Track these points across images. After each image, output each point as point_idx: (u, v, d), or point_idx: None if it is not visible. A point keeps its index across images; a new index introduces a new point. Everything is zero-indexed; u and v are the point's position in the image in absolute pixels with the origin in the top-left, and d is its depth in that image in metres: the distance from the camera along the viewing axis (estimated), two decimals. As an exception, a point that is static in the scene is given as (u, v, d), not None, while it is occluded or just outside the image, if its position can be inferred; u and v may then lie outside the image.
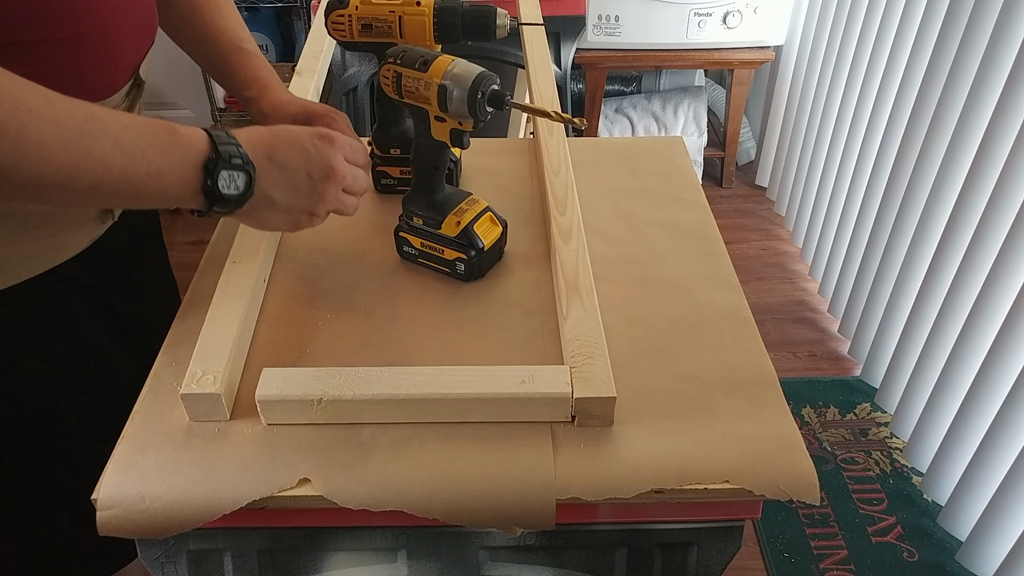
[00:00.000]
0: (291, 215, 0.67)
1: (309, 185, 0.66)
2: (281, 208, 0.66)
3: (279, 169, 0.64)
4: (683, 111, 2.47)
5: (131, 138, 0.57)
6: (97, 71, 0.70)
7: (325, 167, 0.66)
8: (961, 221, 1.49)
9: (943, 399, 1.55)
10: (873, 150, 1.84)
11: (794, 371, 1.93)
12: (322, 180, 0.67)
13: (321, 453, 0.66)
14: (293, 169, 0.65)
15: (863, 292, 1.88)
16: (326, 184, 0.67)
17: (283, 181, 0.65)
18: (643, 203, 0.96)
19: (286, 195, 0.65)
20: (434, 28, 0.86)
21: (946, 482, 1.55)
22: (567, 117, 0.73)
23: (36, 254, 0.74)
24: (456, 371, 0.68)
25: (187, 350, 0.70)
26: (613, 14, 2.19)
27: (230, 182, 0.61)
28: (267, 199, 0.64)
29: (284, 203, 0.66)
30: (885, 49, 1.78)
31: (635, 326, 0.78)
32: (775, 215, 2.46)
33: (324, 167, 0.66)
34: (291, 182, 0.65)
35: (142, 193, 0.58)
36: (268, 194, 0.64)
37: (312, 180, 0.66)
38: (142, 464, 0.65)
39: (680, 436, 0.67)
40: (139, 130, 0.57)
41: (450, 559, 0.71)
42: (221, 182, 0.60)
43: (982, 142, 1.42)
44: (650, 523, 0.70)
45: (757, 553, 1.52)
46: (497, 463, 0.65)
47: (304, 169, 0.66)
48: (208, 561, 0.71)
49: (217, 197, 0.61)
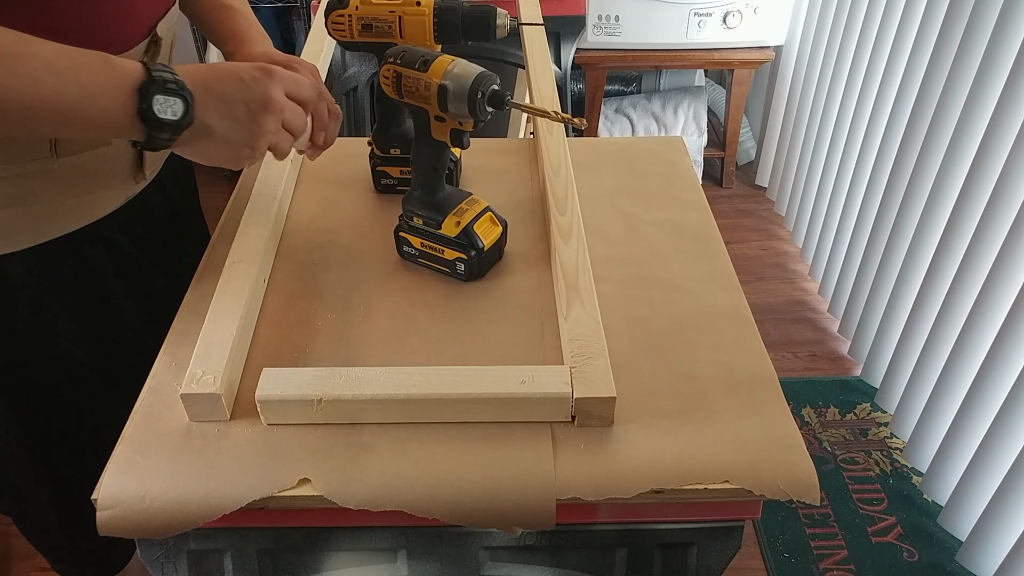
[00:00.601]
0: (231, 147, 0.66)
1: (247, 115, 0.65)
2: (219, 138, 0.65)
3: (216, 99, 0.64)
4: (683, 111, 2.47)
5: (62, 61, 0.57)
6: (111, 22, 0.71)
7: (263, 97, 0.65)
8: (961, 221, 1.49)
9: (943, 399, 1.55)
10: (873, 150, 1.84)
11: (794, 371, 1.93)
12: (260, 110, 0.65)
13: (321, 453, 0.66)
14: (231, 98, 0.64)
15: (863, 292, 1.88)
16: (264, 115, 0.66)
17: (221, 109, 0.64)
18: (643, 203, 0.96)
19: (224, 124, 0.64)
20: (434, 28, 0.86)
21: (946, 482, 1.55)
22: (567, 117, 0.73)
23: (68, 212, 0.75)
24: (456, 371, 0.68)
25: (187, 350, 0.70)
26: (613, 14, 2.19)
27: (166, 107, 0.60)
28: (205, 127, 0.64)
29: (222, 132, 0.65)
30: (885, 49, 1.78)
31: (635, 326, 0.78)
32: (775, 215, 2.46)
33: (262, 97, 0.65)
34: (229, 111, 0.65)
35: (77, 118, 0.58)
36: (206, 122, 0.63)
37: (250, 110, 0.65)
38: (142, 464, 0.65)
39: (680, 436, 0.67)
40: (71, 55, 0.58)
41: (450, 559, 0.71)
42: (157, 106, 0.60)
43: (982, 142, 1.42)
44: (650, 523, 0.70)
45: (757, 553, 1.52)
46: (497, 463, 0.65)
47: (241, 99, 0.65)
48: (208, 561, 0.71)
49: (154, 121, 0.60)
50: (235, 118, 0.65)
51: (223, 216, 0.93)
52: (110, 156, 0.77)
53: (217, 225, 0.92)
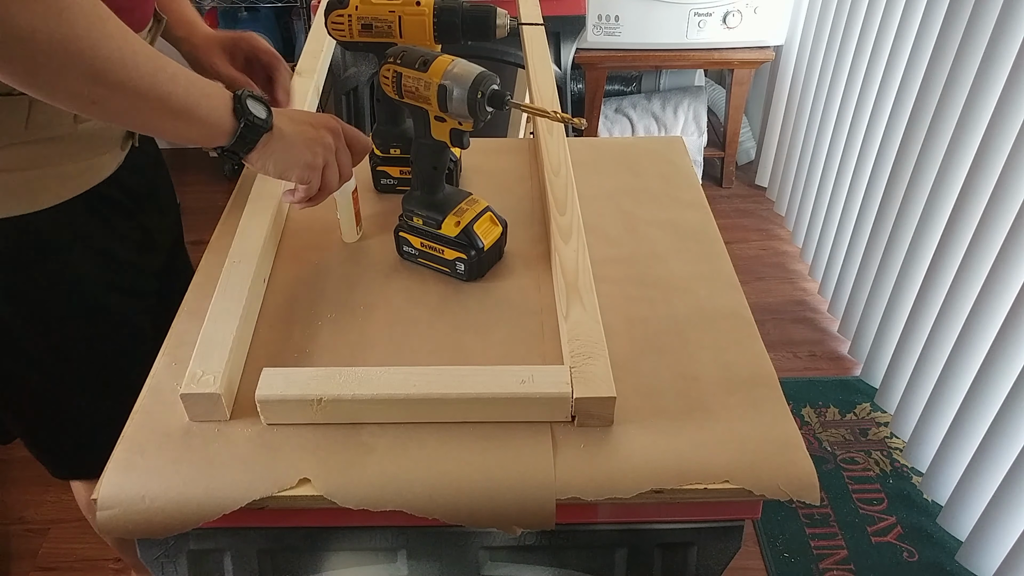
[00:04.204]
0: (297, 152, 0.77)
1: (312, 129, 0.78)
2: (288, 143, 0.76)
3: (287, 116, 0.78)
4: (683, 111, 2.47)
5: (173, 66, 0.68)
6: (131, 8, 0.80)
7: (327, 122, 0.80)
8: (961, 221, 1.49)
9: (943, 399, 1.55)
10: (873, 150, 1.84)
11: (794, 371, 1.93)
12: (322, 128, 0.79)
13: (321, 453, 0.66)
14: (299, 117, 0.79)
15: (863, 292, 1.88)
16: (325, 133, 0.79)
17: (294, 117, 0.78)
18: (643, 203, 0.96)
19: (293, 129, 0.77)
20: (434, 28, 0.86)
21: (946, 482, 1.55)
22: (567, 117, 0.73)
23: (79, 174, 0.85)
24: (456, 371, 0.68)
25: (187, 350, 0.70)
26: (613, 14, 2.18)
27: (256, 108, 0.73)
28: (279, 132, 0.76)
29: (291, 137, 0.77)
30: (885, 49, 1.78)
31: (635, 326, 0.78)
32: (775, 215, 2.46)
33: (326, 122, 0.80)
34: (298, 121, 0.78)
35: (192, 114, 0.69)
36: (280, 126, 0.75)
37: (314, 126, 0.79)
38: (142, 464, 0.65)
39: (680, 436, 0.67)
40: (176, 64, 0.69)
41: (450, 559, 0.71)
42: (250, 105, 0.72)
43: (982, 142, 1.42)
44: (650, 523, 0.70)
45: (757, 553, 1.52)
46: (497, 463, 0.65)
47: (308, 120, 0.79)
48: (208, 561, 0.71)
49: (248, 118, 0.72)
50: (302, 126, 0.78)
51: (223, 216, 0.93)
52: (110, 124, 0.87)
53: (217, 225, 0.92)
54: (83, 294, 0.91)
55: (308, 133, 0.77)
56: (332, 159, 0.79)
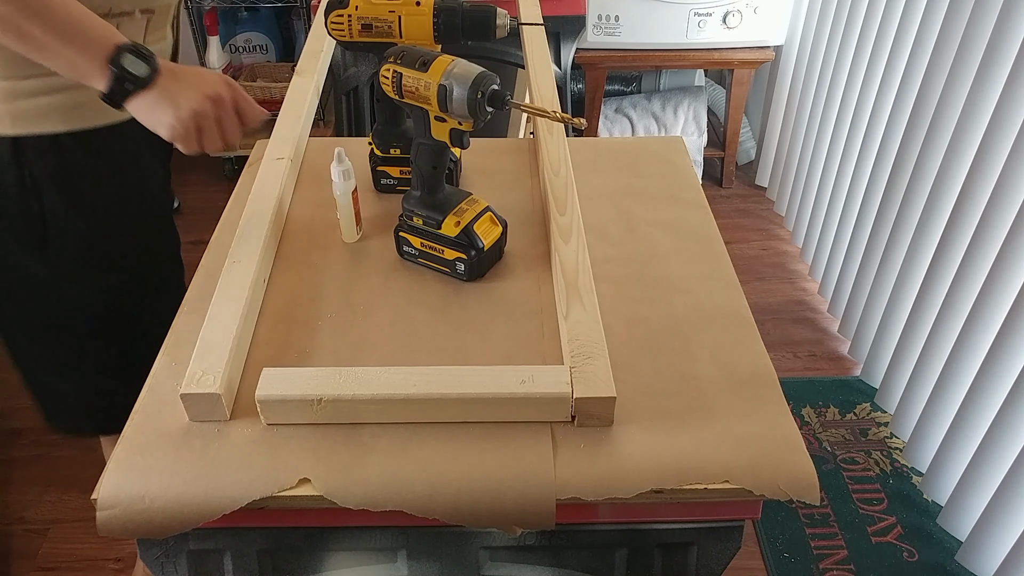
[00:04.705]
0: (172, 114, 0.79)
1: (195, 93, 0.79)
2: (168, 103, 0.78)
3: (177, 78, 0.79)
4: (683, 111, 2.47)
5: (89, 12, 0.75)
6: None
7: (215, 87, 0.81)
8: (961, 221, 1.49)
9: (943, 399, 1.55)
10: (873, 150, 1.84)
11: (794, 371, 1.93)
12: (206, 94, 0.80)
13: (321, 453, 0.66)
14: (188, 82, 0.80)
15: (863, 292, 1.88)
16: (207, 100, 0.80)
17: (179, 82, 0.80)
18: (643, 203, 0.96)
19: (177, 89, 0.79)
20: (434, 28, 0.86)
21: (946, 482, 1.55)
22: (567, 117, 0.73)
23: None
24: (456, 371, 0.68)
25: (187, 350, 0.70)
26: (613, 14, 2.18)
27: (134, 64, 0.76)
28: (159, 91, 0.78)
29: (171, 98, 0.78)
30: (885, 49, 1.78)
31: (635, 326, 0.78)
32: (775, 215, 2.46)
33: (214, 86, 0.81)
34: (182, 86, 0.80)
35: (74, 40, 0.74)
36: (164, 86, 0.78)
37: (198, 91, 0.80)
38: (142, 464, 0.65)
39: (680, 436, 0.67)
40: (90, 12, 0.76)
41: (450, 559, 0.71)
42: (126, 61, 0.76)
43: (982, 142, 1.42)
44: (650, 523, 0.70)
45: (757, 553, 1.52)
46: (497, 463, 0.65)
47: (195, 83, 0.80)
48: (208, 561, 0.71)
49: (122, 68, 0.75)
50: (184, 89, 0.79)
51: (223, 216, 0.94)
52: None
53: (217, 225, 0.92)
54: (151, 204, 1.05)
55: (187, 95, 0.79)
56: (210, 125, 0.80)
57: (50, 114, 0.91)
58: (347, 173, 0.85)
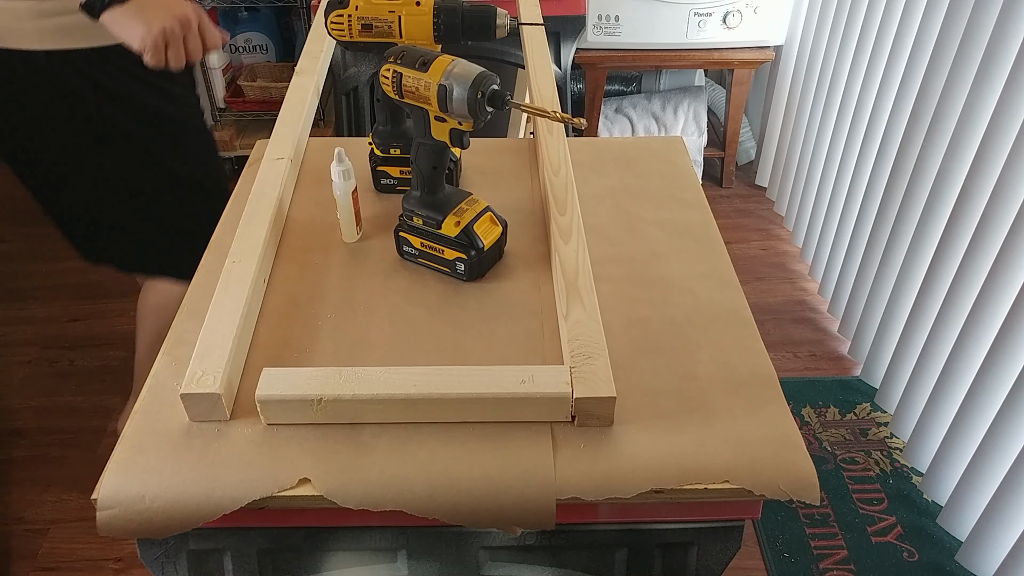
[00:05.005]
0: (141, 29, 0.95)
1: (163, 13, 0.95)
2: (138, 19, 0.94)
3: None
4: (683, 111, 2.47)
5: None
6: None
7: (181, 11, 0.98)
8: (961, 221, 1.49)
9: (943, 399, 1.55)
10: (873, 150, 1.84)
11: (794, 371, 1.93)
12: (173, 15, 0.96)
13: (321, 453, 0.66)
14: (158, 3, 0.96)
15: (863, 292, 1.88)
16: (175, 20, 0.96)
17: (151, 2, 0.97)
18: (643, 203, 0.97)
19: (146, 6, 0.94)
20: (434, 28, 0.86)
21: (946, 482, 1.55)
22: (567, 117, 0.73)
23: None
24: (456, 371, 0.68)
25: (187, 350, 0.70)
26: (613, 14, 2.18)
27: None
28: (132, 8, 0.95)
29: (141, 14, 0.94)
30: (885, 49, 1.78)
31: (635, 326, 0.78)
32: (775, 215, 2.46)
33: (180, 11, 0.98)
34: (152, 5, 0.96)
35: None
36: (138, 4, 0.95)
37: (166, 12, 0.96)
38: (142, 464, 0.65)
39: (680, 436, 0.67)
40: None
41: (450, 559, 0.71)
42: None
43: (982, 142, 1.42)
44: (650, 523, 0.70)
45: (757, 553, 1.52)
46: (497, 463, 0.65)
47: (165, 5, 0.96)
48: (208, 561, 0.71)
49: None
50: (154, 8, 0.94)
51: (223, 216, 0.94)
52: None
53: (217, 225, 0.92)
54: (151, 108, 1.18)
55: (158, 14, 0.95)
56: (177, 42, 0.98)
57: (72, 31, 1.06)
58: (347, 173, 0.85)
